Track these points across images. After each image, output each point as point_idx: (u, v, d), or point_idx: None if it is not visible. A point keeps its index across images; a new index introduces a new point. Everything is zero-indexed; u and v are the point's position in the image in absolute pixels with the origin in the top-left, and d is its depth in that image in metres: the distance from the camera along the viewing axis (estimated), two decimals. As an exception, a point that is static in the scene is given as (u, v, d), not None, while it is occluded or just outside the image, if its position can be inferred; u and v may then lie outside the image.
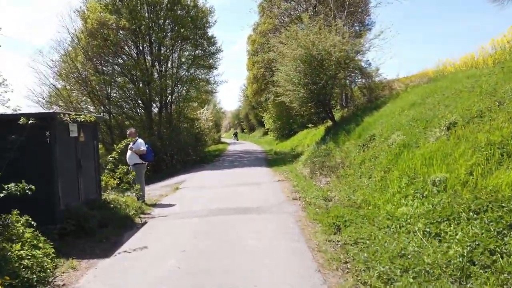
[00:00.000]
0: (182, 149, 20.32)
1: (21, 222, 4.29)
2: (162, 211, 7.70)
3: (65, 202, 5.61)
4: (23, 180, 4.30)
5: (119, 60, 19.07)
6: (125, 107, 19.98)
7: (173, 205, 8.32)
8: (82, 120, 5.79)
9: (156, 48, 19.61)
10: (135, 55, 19.27)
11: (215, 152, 26.59)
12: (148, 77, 18.51)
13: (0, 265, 3.56)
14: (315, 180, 9.96)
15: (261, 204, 7.68)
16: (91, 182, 6.78)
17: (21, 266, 3.75)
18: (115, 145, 8.15)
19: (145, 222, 6.73)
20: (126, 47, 19.14)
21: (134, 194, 8.11)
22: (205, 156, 22.78)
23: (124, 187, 7.95)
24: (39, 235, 4.41)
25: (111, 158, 7.60)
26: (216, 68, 22.81)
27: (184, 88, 21.66)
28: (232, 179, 12.01)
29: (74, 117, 5.55)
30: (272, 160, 18.10)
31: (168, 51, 20.17)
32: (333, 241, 4.97)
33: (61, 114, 5.28)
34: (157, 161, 18.79)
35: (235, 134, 52.61)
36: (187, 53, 21.58)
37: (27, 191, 4.16)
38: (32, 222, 4.35)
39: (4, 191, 4.15)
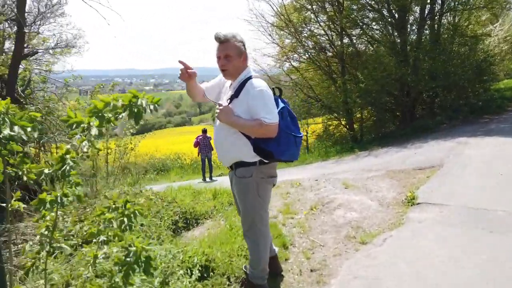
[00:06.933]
0: (452, 88, 12.68)
1: None
2: None
3: None
4: None
5: None
6: (367, 23, 13.82)
7: None
8: None
9: None
10: None
11: (510, 93, 16.46)
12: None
13: None
14: None
15: None
16: None
17: None
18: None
19: None
20: None
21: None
22: (491, 99, 13.84)
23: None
24: None
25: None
26: None
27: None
28: None
29: None
30: None
31: None
32: None
33: None
34: (401, 104, 12.36)
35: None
36: None
37: None
38: None
39: None
